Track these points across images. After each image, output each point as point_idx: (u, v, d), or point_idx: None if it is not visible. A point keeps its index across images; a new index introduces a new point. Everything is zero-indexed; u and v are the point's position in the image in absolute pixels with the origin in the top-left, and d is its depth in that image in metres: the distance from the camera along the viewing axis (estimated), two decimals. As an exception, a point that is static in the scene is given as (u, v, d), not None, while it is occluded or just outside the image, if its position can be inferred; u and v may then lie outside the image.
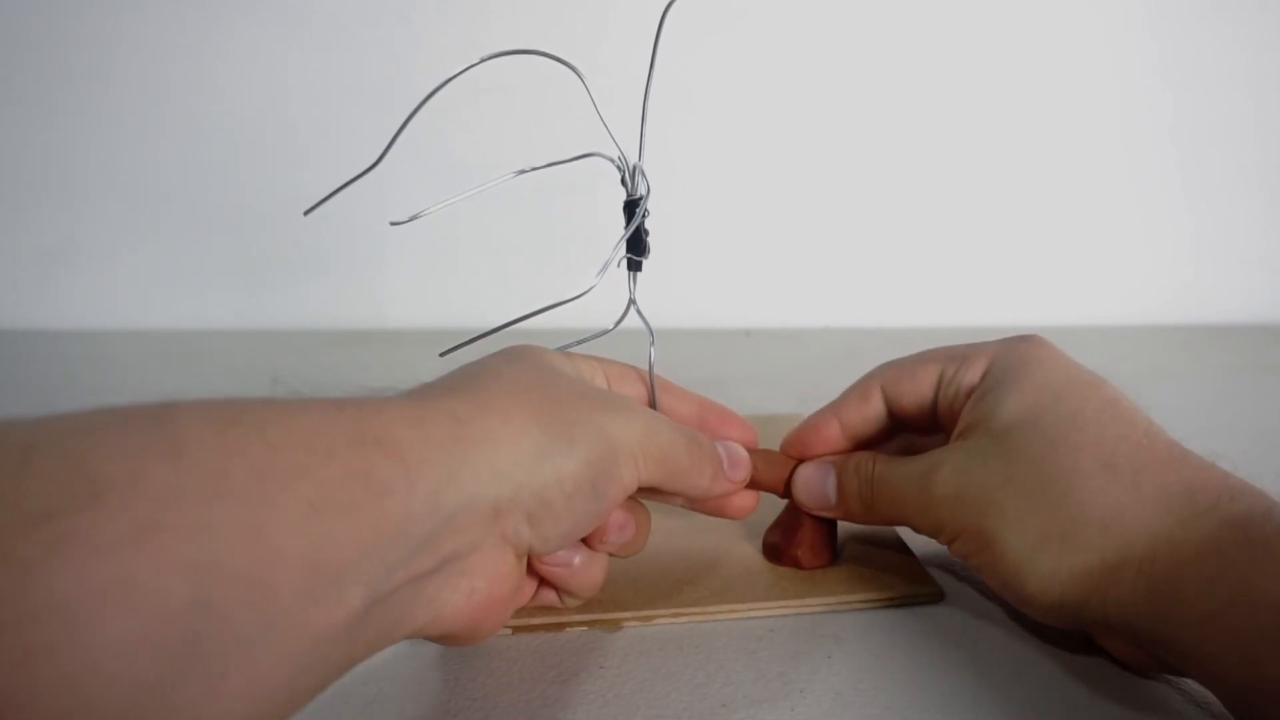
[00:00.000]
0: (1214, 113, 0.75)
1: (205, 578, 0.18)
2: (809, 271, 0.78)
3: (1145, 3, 0.72)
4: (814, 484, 0.35)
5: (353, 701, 0.29)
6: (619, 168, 0.34)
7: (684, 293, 0.71)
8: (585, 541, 0.30)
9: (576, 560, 0.30)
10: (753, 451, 0.34)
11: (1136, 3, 0.72)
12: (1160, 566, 0.26)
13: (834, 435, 0.36)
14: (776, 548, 0.37)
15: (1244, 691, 0.25)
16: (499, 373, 0.28)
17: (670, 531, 0.39)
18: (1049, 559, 0.28)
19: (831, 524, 0.37)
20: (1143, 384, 0.62)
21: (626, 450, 0.28)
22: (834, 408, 0.36)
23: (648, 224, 0.35)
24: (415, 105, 0.32)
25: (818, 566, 0.36)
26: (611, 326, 0.36)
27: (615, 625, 0.34)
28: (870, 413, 0.36)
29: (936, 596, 0.35)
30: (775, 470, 0.36)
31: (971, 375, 0.33)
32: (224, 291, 0.78)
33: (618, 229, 0.34)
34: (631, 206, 0.34)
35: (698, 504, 0.33)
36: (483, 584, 0.26)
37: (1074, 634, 0.31)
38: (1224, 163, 0.77)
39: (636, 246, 0.35)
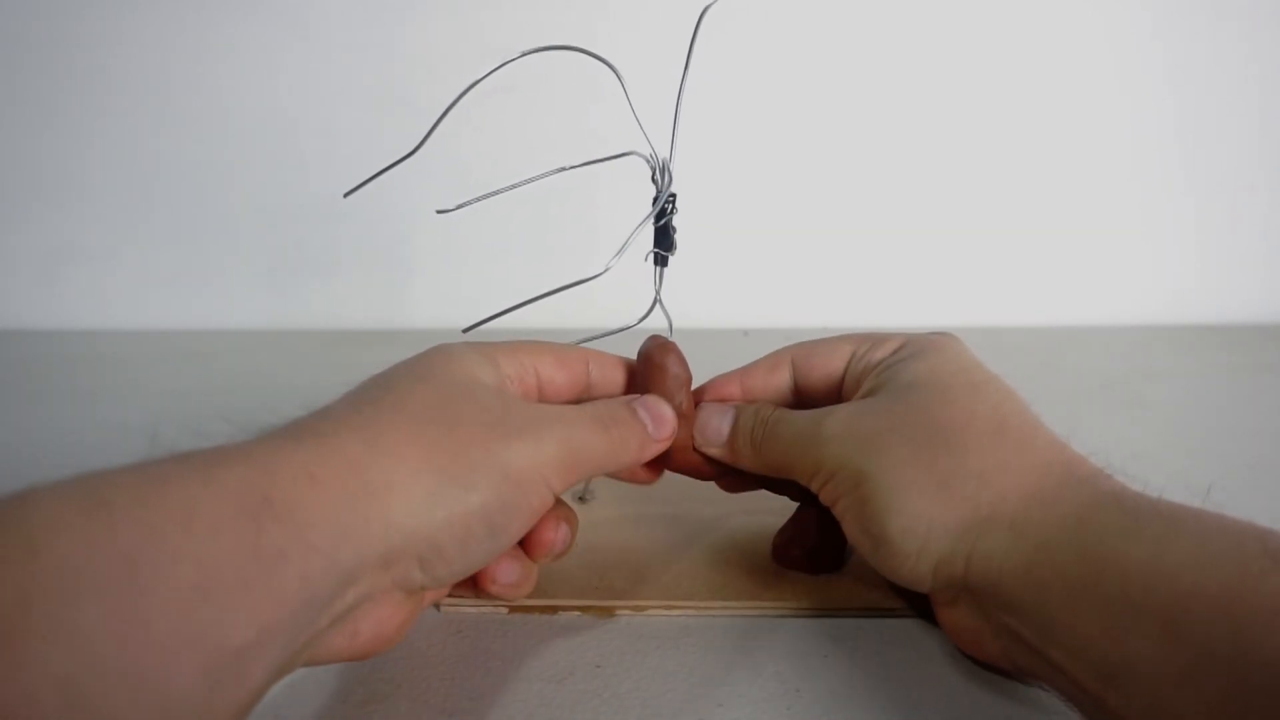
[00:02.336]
0: (1216, 112, 0.75)
1: (80, 682, 0.16)
2: (808, 272, 0.78)
3: (1148, 4, 0.72)
4: (712, 420, 0.34)
5: (349, 701, 0.29)
6: (650, 165, 0.34)
7: (682, 293, 0.71)
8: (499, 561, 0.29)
9: (501, 580, 0.30)
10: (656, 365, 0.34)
11: (1140, 4, 0.72)
12: (1033, 525, 0.26)
13: (734, 397, 0.36)
14: (784, 550, 0.37)
15: (1101, 667, 0.23)
16: (404, 398, 0.27)
17: (677, 527, 0.40)
18: (921, 503, 0.27)
19: (840, 527, 0.37)
20: (1143, 384, 0.63)
21: (534, 478, 0.27)
22: (740, 372, 0.36)
23: (676, 221, 0.35)
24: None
25: (823, 571, 0.36)
26: (635, 322, 0.37)
27: (609, 612, 0.34)
28: (775, 383, 0.36)
29: None
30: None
31: (882, 352, 0.33)
32: (224, 291, 0.78)
33: (646, 231, 0.35)
34: (660, 203, 0.34)
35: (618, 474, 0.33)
36: (368, 627, 0.26)
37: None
38: (1226, 162, 0.77)
39: (664, 242, 0.35)
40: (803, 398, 0.36)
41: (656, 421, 0.32)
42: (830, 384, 0.35)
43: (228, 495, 0.21)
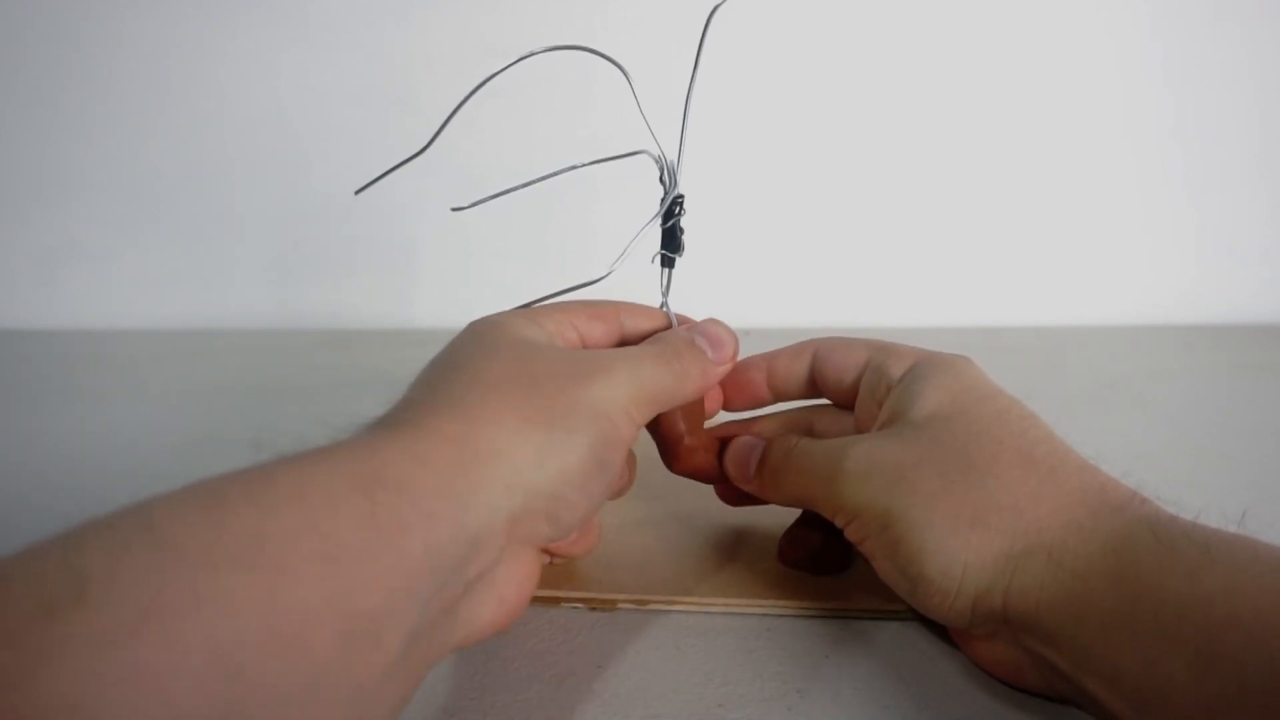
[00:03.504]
0: (1216, 112, 0.75)
1: (228, 649, 0.17)
2: (809, 271, 0.78)
3: (1148, 4, 0.72)
4: (742, 454, 0.35)
5: (349, 701, 0.29)
6: (659, 165, 0.34)
7: (682, 293, 0.71)
8: None
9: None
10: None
11: (1140, 3, 0.72)
12: (1070, 556, 0.26)
13: (759, 380, 0.36)
14: (790, 551, 0.37)
15: (1136, 696, 0.23)
16: (476, 371, 0.27)
17: (681, 525, 0.40)
18: (956, 540, 0.27)
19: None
20: (1144, 384, 0.63)
21: (621, 412, 0.28)
22: (768, 356, 0.37)
23: (683, 223, 0.35)
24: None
25: (828, 573, 0.36)
26: None
27: (611, 606, 0.34)
28: (797, 371, 0.36)
29: None
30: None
31: (897, 368, 0.33)
32: (225, 291, 0.78)
33: (653, 231, 0.35)
34: (667, 203, 0.34)
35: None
36: (511, 590, 0.27)
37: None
38: (1227, 161, 0.77)
39: (671, 244, 0.35)
40: (817, 389, 0.36)
41: (715, 345, 0.32)
42: (842, 385, 0.35)
43: (339, 475, 0.21)
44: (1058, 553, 0.26)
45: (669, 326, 0.35)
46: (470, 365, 0.28)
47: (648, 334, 0.34)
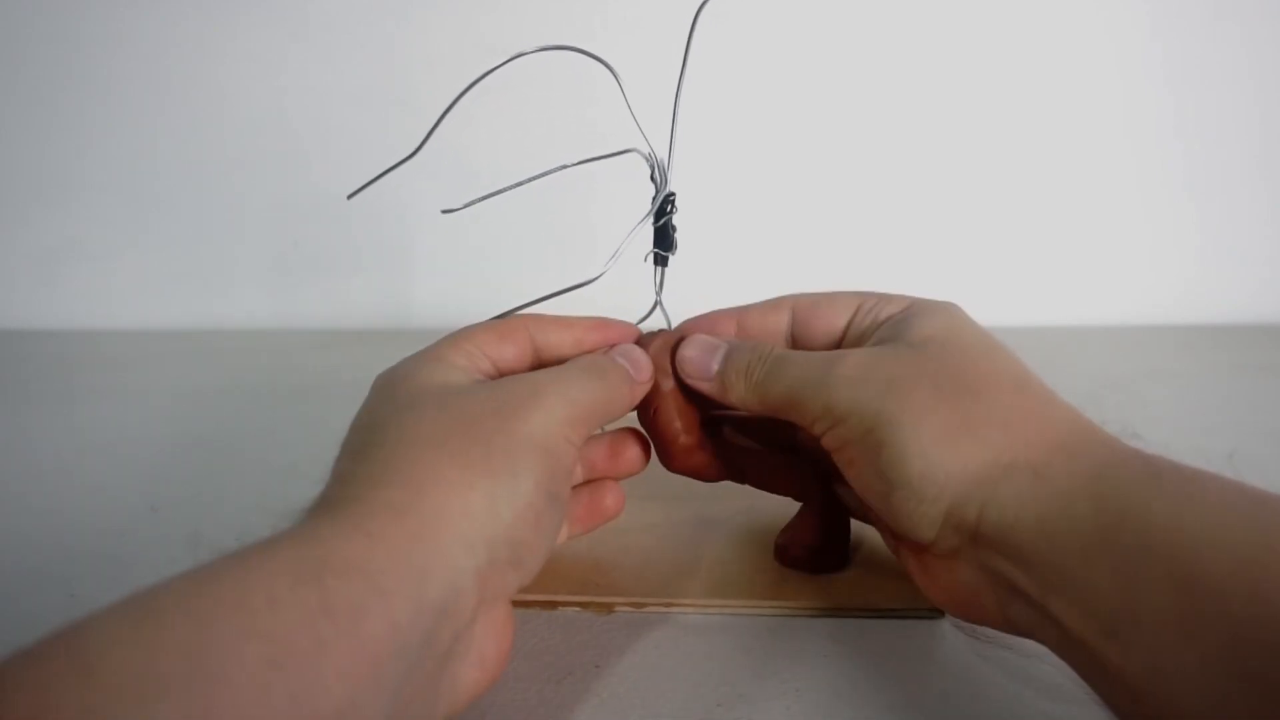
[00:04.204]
0: (1216, 113, 0.75)
1: None
2: (804, 270, 0.78)
3: (1148, 4, 0.72)
4: (702, 351, 0.33)
5: (348, 700, 0.29)
6: (650, 164, 0.34)
7: (681, 292, 0.71)
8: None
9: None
10: (644, 343, 0.34)
11: (1139, 4, 0.72)
12: (1055, 473, 0.25)
13: (728, 333, 0.35)
14: (787, 550, 0.37)
15: (1107, 620, 0.23)
16: (403, 429, 0.26)
17: (678, 526, 0.40)
18: (943, 447, 0.27)
19: (844, 528, 0.37)
20: (1145, 384, 0.63)
21: (560, 440, 0.27)
22: (738, 310, 0.36)
23: (675, 221, 0.35)
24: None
25: (825, 571, 0.36)
26: (635, 323, 0.36)
27: (607, 609, 0.34)
28: (773, 325, 0.35)
29: (938, 613, 0.35)
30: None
31: (891, 308, 0.33)
32: (225, 291, 0.78)
33: (647, 230, 0.35)
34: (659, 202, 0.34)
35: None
36: (490, 646, 0.26)
37: None
38: (1227, 162, 0.77)
39: (664, 242, 0.35)
40: (798, 347, 0.35)
41: (634, 365, 0.32)
42: (830, 338, 0.34)
43: (282, 571, 0.20)
44: (1043, 469, 0.26)
45: (582, 330, 0.34)
46: (395, 424, 0.26)
47: (558, 345, 0.33)
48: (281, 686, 0.18)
